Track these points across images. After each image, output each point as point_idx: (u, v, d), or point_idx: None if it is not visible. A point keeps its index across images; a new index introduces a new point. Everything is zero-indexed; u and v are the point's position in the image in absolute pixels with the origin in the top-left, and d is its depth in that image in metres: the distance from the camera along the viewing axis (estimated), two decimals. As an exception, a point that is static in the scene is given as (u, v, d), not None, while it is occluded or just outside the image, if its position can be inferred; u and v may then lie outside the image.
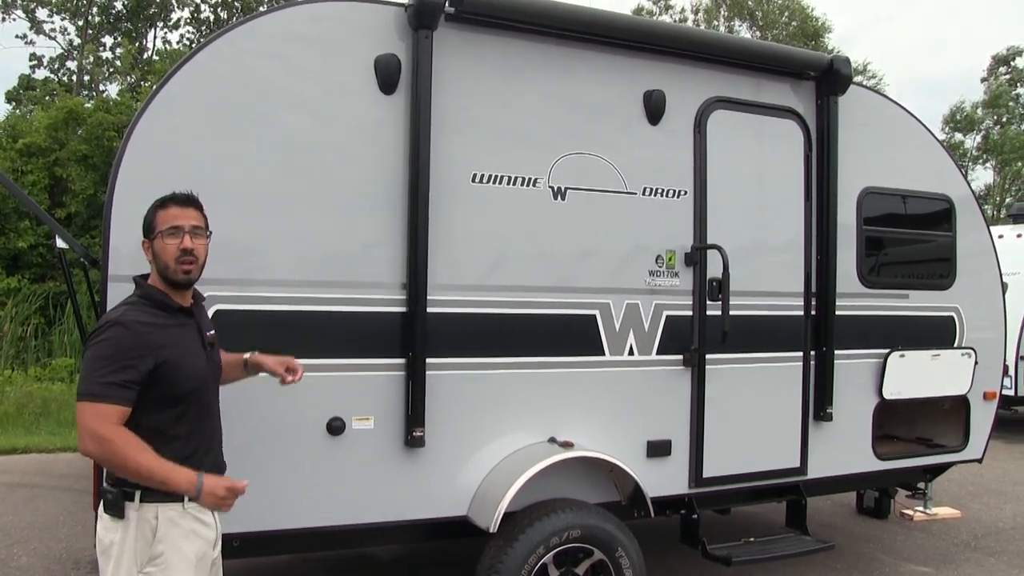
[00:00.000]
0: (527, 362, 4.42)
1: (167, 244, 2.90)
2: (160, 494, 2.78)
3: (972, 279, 5.95)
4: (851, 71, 5.24)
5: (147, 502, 2.78)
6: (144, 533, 2.78)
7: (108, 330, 2.77)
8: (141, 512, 2.78)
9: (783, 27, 33.64)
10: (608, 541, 4.31)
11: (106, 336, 2.76)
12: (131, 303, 2.91)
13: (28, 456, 9.52)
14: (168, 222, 2.91)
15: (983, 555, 6.53)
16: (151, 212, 2.97)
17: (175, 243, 2.90)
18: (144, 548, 2.78)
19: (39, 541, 6.37)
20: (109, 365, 2.71)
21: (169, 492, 2.78)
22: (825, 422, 5.26)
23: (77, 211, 15.26)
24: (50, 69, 25.33)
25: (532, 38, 4.43)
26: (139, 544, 2.78)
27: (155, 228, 2.93)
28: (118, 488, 2.79)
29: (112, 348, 2.73)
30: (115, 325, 2.78)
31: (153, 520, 2.79)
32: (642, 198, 4.69)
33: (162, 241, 2.90)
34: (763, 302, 5.07)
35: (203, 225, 3.02)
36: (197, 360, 2.95)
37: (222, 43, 3.90)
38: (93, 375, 2.71)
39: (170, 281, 2.94)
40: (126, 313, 2.84)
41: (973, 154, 35.29)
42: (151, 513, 2.79)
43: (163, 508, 2.80)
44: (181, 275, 2.92)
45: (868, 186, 5.46)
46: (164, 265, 2.91)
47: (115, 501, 2.79)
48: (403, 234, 4.10)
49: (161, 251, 2.91)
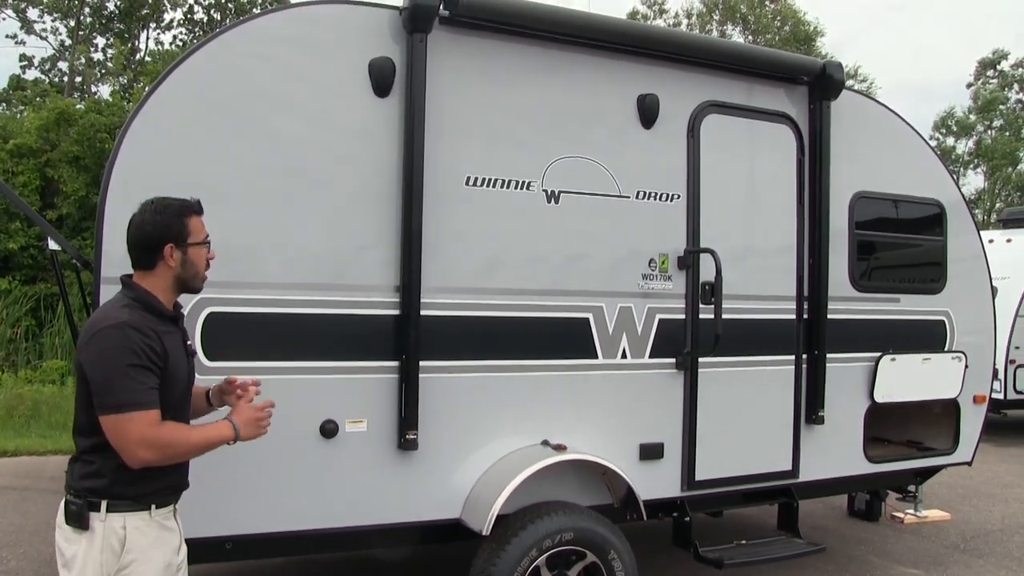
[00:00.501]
0: (520, 365, 4.43)
1: (203, 253, 2.94)
2: (127, 503, 2.72)
3: (963, 283, 5.98)
4: (844, 76, 5.26)
5: (114, 512, 2.70)
6: (111, 544, 2.69)
7: (122, 334, 2.66)
8: (108, 522, 2.69)
9: (776, 32, 33.75)
10: (601, 543, 4.31)
11: (125, 342, 2.65)
12: (126, 305, 2.79)
13: (18, 459, 9.47)
14: (203, 232, 2.93)
15: (972, 557, 6.57)
16: (178, 218, 2.87)
17: (206, 253, 2.96)
18: (111, 559, 2.69)
19: (29, 544, 6.34)
20: (134, 371, 2.63)
21: (137, 499, 2.72)
22: (817, 425, 5.28)
23: (68, 212, 15.20)
24: (41, 70, 25.28)
25: (527, 42, 4.44)
26: (105, 555, 2.68)
27: (188, 236, 2.88)
28: (82, 499, 2.70)
29: (130, 353, 2.64)
30: (119, 328, 2.67)
31: (121, 531, 2.70)
32: (635, 202, 4.70)
33: (199, 250, 2.92)
34: (755, 306, 5.09)
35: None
36: (185, 367, 2.92)
37: (216, 45, 3.90)
38: (124, 384, 2.61)
39: (192, 288, 2.96)
40: (131, 317, 2.73)
41: (964, 159, 35.47)
42: (118, 523, 2.70)
43: (130, 517, 2.72)
44: (203, 283, 3.00)
45: (860, 190, 5.49)
46: (195, 273, 2.92)
47: (79, 512, 2.69)
48: (397, 237, 4.11)
49: (197, 259, 2.91)
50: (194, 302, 3.64)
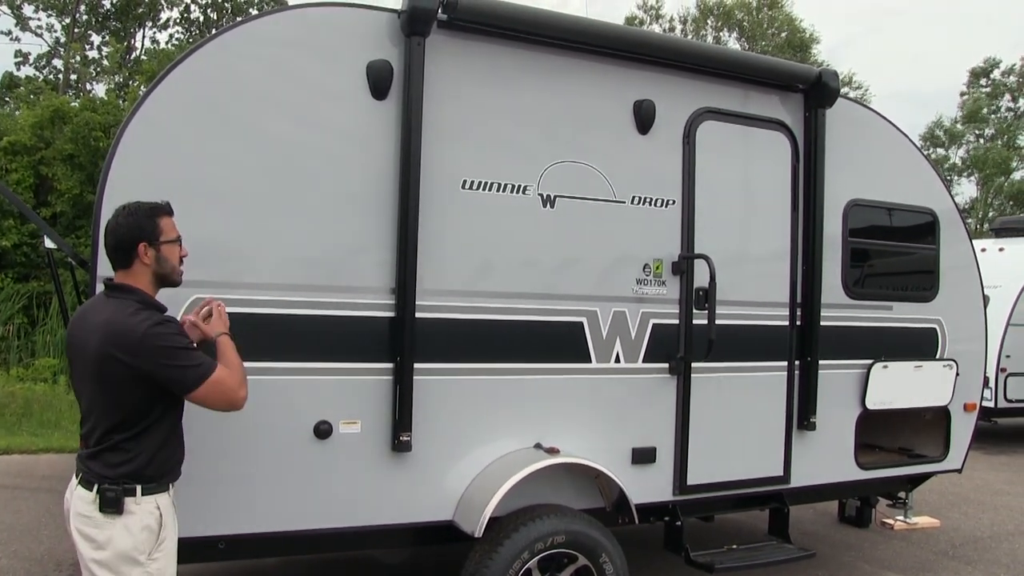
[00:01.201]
0: (514, 368, 4.44)
1: (175, 250, 3.17)
2: (156, 484, 2.98)
3: (955, 292, 6.02)
4: (839, 84, 5.30)
5: (148, 495, 2.95)
6: (149, 524, 2.94)
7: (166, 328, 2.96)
8: (143, 505, 2.94)
9: (771, 38, 33.86)
10: (592, 547, 4.33)
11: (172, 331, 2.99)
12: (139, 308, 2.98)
13: (9, 457, 9.45)
14: (174, 231, 3.17)
15: (961, 564, 6.60)
16: (150, 219, 3.10)
17: (179, 250, 3.20)
18: (150, 538, 2.94)
19: (20, 543, 6.32)
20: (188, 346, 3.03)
21: (163, 479, 3.02)
22: (808, 431, 5.31)
23: (63, 210, 15.15)
24: (36, 67, 25.19)
25: (524, 46, 4.46)
26: (145, 535, 2.93)
27: (160, 235, 3.10)
28: (119, 485, 2.91)
29: (184, 336, 3.07)
30: (167, 322, 3.01)
31: (156, 511, 2.97)
32: (631, 207, 4.73)
33: (171, 247, 3.15)
34: (749, 312, 5.11)
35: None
36: None
37: (214, 46, 3.91)
38: (195, 355, 2.99)
39: (172, 283, 3.20)
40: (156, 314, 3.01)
41: (958, 167, 35.60)
42: (152, 505, 2.96)
43: (160, 497, 3.00)
44: (180, 278, 3.23)
45: (854, 198, 5.52)
46: (171, 268, 3.16)
47: (116, 498, 2.90)
48: (392, 239, 4.12)
49: (170, 256, 3.14)
50: (189, 301, 3.65)
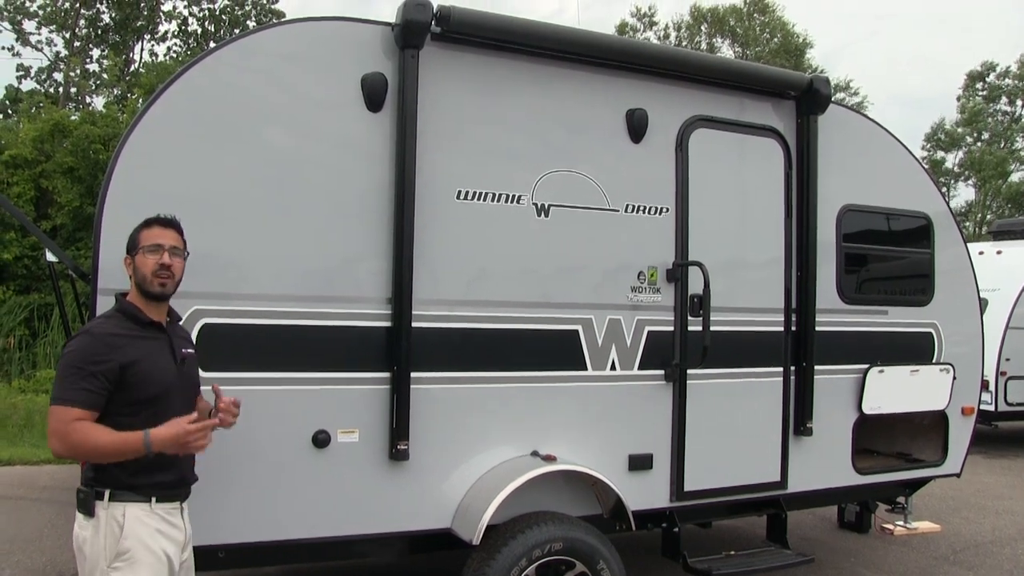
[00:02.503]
0: (510, 376, 4.47)
1: (147, 259, 3.11)
2: (128, 493, 2.98)
3: (950, 295, 6.04)
4: (831, 91, 5.33)
5: (115, 501, 2.97)
6: (112, 529, 2.96)
7: (76, 340, 3.00)
8: (110, 510, 2.97)
9: (765, 44, 33.92)
10: (590, 554, 4.35)
11: (74, 346, 2.98)
12: (107, 316, 3.16)
13: (11, 468, 9.48)
14: (151, 240, 3.13)
15: (962, 569, 6.60)
16: (136, 231, 3.19)
17: (155, 259, 3.11)
18: (112, 544, 2.95)
19: (23, 553, 6.35)
20: (75, 373, 2.91)
21: (137, 490, 2.98)
22: (805, 437, 5.32)
23: (63, 223, 15.22)
24: (37, 80, 25.31)
25: (517, 57, 4.50)
26: (107, 540, 2.95)
27: (138, 244, 3.14)
28: (90, 488, 2.99)
29: (78, 357, 2.94)
30: (83, 335, 3.02)
31: (120, 518, 2.97)
32: (624, 215, 4.76)
33: (143, 256, 3.11)
34: (744, 318, 5.14)
35: (181, 246, 3.23)
36: (165, 370, 3.12)
37: (212, 60, 3.95)
38: (60, 383, 2.92)
39: (146, 293, 3.12)
40: (97, 325, 3.10)
41: (955, 171, 35.63)
42: (119, 511, 2.97)
43: (130, 507, 2.99)
44: (157, 287, 3.11)
45: (847, 203, 5.55)
46: (143, 277, 3.11)
47: (86, 500, 2.99)
48: (388, 249, 4.15)
49: (141, 264, 3.11)
50: (189, 312, 3.69)
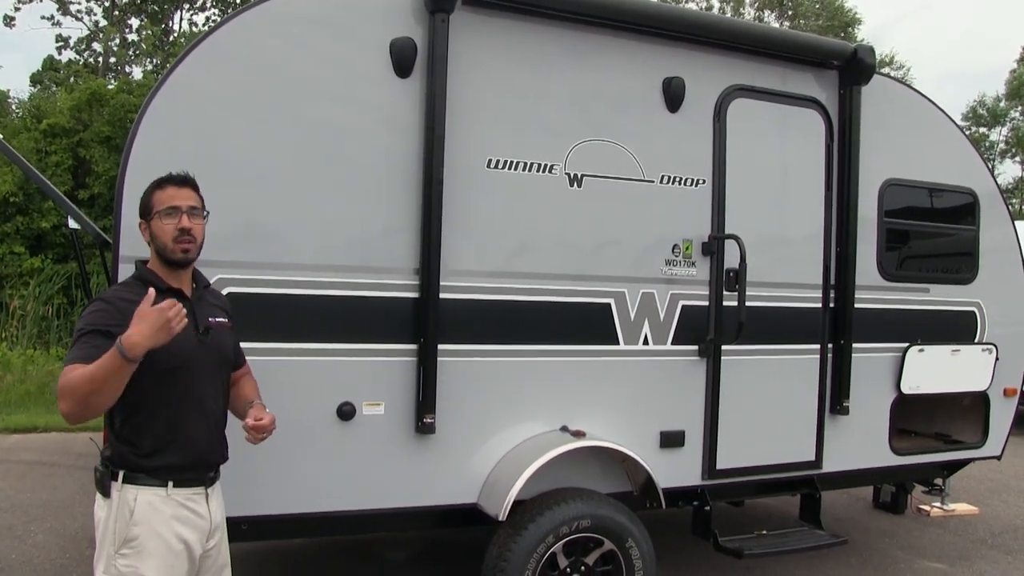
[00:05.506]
0: (539, 350, 4.39)
1: (165, 224, 2.89)
2: (142, 476, 2.80)
3: (995, 274, 5.86)
4: (875, 60, 5.15)
5: (128, 484, 2.80)
6: (123, 514, 2.78)
7: (90, 306, 2.85)
8: (122, 493, 2.80)
9: (815, 17, 33.24)
10: (619, 532, 4.28)
11: (88, 312, 2.82)
12: (125, 283, 3.00)
13: (48, 435, 9.62)
14: (165, 202, 2.90)
15: (999, 553, 6.46)
16: (147, 194, 2.97)
17: (172, 223, 2.88)
18: (121, 529, 2.78)
19: (55, 519, 6.43)
20: (87, 339, 2.71)
21: (152, 474, 2.80)
22: (841, 416, 5.20)
23: (100, 192, 15.36)
24: (76, 51, 25.47)
25: (550, 23, 4.38)
26: (118, 524, 2.79)
27: (152, 209, 2.92)
28: (105, 467, 2.85)
29: (89, 321, 2.77)
30: (98, 301, 2.86)
31: (132, 502, 2.79)
32: (660, 186, 4.64)
33: (160, 221, 2.90)
34: (781, 293, 5.01)
35: (200, 206, 3.00)
36: (184, 341, 2.81)
37: (236, 24, 3.88)
38: (70, 349, 2.74)
39: (168, 261, 2.92)
40: (113, 292, 2.94)
41: (1001, 147, 34.79)
42: (131, 495, 2.80)
43: (143, 491, 2.81)
44: (179, 254, 2.90)
45: (890, 178, 5.38)
46: (162, 245, 2.90)
47: (102, 479, 2.85)
48: (417, 219, 4.07)
49: (159, 231, 2.90)
50: (213, 280, 3.62)
